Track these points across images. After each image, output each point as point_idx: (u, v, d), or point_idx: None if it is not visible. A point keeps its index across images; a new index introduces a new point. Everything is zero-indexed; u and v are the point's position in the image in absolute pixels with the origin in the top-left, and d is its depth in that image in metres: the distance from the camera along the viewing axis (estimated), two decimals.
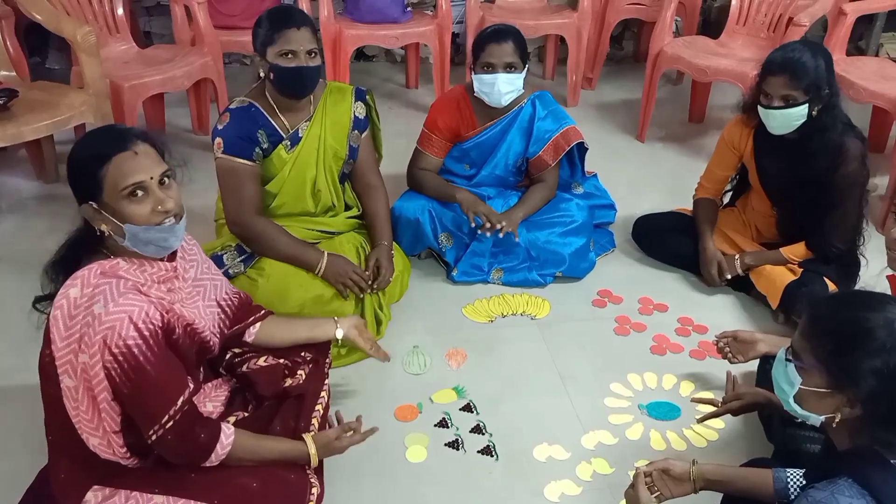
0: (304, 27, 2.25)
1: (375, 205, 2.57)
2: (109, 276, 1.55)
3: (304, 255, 2.37)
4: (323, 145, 2.43)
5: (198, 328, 1.72)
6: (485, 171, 2.81)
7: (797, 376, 1.39)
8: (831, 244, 2.51)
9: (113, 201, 1.53)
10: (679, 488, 1.70)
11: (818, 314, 1.38)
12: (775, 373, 1.47)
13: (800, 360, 1.38)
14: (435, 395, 2.27)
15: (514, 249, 2.74)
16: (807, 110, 2.40)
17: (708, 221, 2.79)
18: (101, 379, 1.50)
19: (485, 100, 2.67)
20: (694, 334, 2.56)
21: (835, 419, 1.35)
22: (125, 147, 1.53)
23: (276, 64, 2.25)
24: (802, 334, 1.39)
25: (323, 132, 2.43)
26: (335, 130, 2.45)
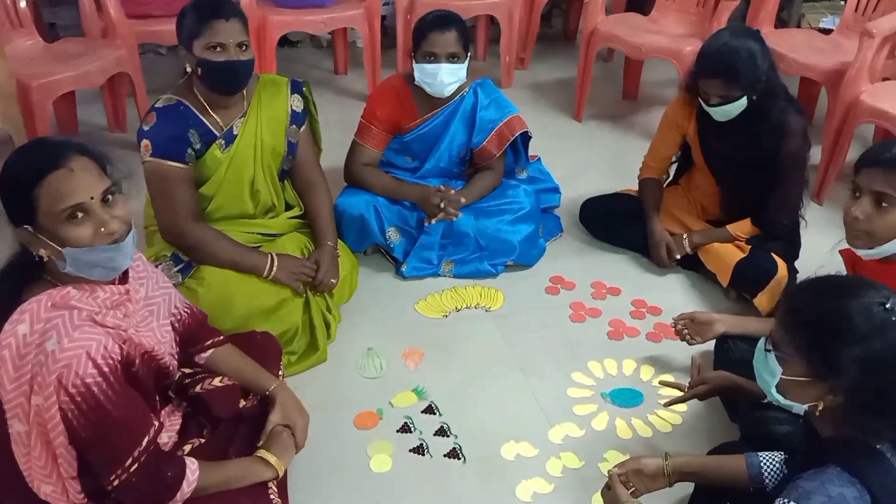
0: (234, 18, 2.10)
1: (317, 203, 2.45)
2: (61, 308, 1.41)
3: (250, 260, 2.24)
4: (260, 142, 2.30)
5: (156, 354, 1.59)
6: (429, 164, 2.72)
7: (778, 366, 1.37)
8: (777, 220, 2.54)
9: (50, 224, 1.38)
10: (654, 484, 1.70)
11: (796, 304, 1.36)
12: (756, 363, 1.45)
13: (780, 351, 1.36)
14: (395, 399, 2.19)
15: (464, 240, 2.67)
16: (746, 101, 2.41)
17: (654, 203, 2.78)
18: (58, 422, 1.37)
19: (426, 90, 2.57)
20: (649, 316, 2.55)
21: (818, 407, 1.34)
22: (59, 164, 1.37)
23: (204, 58, 2.10)
24: (781, 324, 1.37)
25: (259, 129, 2.29)
26: (272, 126, 2.32)
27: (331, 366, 2.30)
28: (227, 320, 2.16)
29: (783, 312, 1.37)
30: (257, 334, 2.08)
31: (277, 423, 1.78)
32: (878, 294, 1.29)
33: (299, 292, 2.29)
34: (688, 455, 1.74)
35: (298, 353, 2.30)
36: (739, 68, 2.34)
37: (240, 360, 1.90)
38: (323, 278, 2.32)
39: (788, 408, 1.40)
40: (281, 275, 2.25)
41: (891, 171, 1.65)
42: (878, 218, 1.68)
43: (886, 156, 1.66)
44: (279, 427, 1.77)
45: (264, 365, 1.95)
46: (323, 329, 2.33)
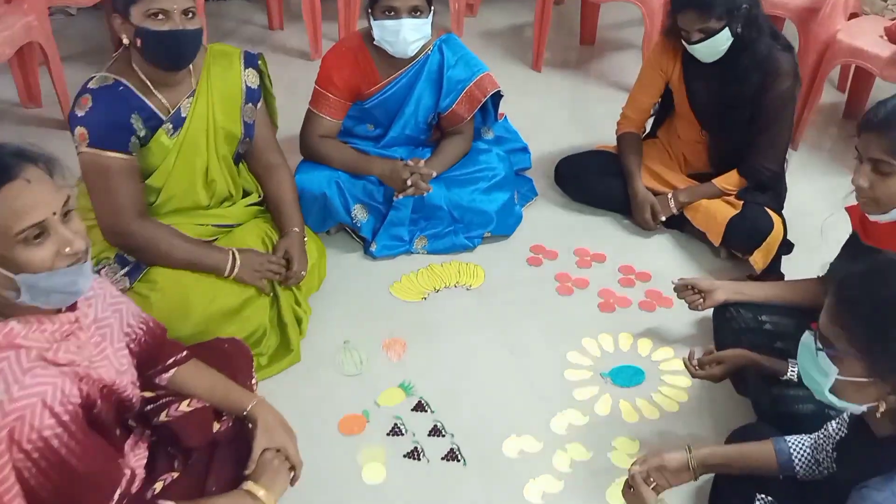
0: None
1: (279, 186, 2.20)
2: (5, 349, 1.19)
3: (208, 259, 1.99)
4: (212, 125, 2.03)
5: (117, 387, 1.38)
6: (393, 131, 2.48)
7: (832, 366, 1.23)
8: (764, 167, 2.42)
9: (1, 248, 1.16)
10: (678, 478, 1.59)
11: (849, 296, 1.21)
12: (803, 361, 1.31)
13: (833, 349, 1.22)
14: (381, 398, 2.00)
15: (437, 213, 2.47)
16: (729, 33, 2.25)
17: (635, 161, 2.62)
18: (12, 484, 1.17)
19: (387, 50, 2.32)
20: (638, 283, 2.41)
21: (879, 409, 1.21)
22: (11, 174, 1.14)
23: (145, 27, 1.81)
24: (833, 320, 1.22)
25: (210, 109, 2.02)
26: (225, 106, 2.04)
27: (305, 365, 2.09)
28: (186, 327, 1.93)
29: (835, 305, 1.22)
30: (223, 342, 1.85)
31: (265, 447, 1.58)
32: None
33: (266, 290, 2.06)
34: (711, 445, 1.62)
35: (268, 353, 2.09)
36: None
37: (209, 378, 1.67)
38: (296, 271, 2.09)
39: (843, 409, 1.27)
40: (244, 274, 2.01)
41: (885, 135, 1.52)
42: (880, 185, 1.55)
43: (879, 119, 1.53)
44: (268, 453, 1.56)
45: (235, 377, 1.74)
46: (294, 326, 2.12)
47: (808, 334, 1.29)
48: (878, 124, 1.53)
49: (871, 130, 1.54)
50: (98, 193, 1.93)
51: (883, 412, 1.21)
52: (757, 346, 1.90)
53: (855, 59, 2.85)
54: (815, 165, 3.02)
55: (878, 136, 1.53)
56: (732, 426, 1.92)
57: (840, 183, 2.93)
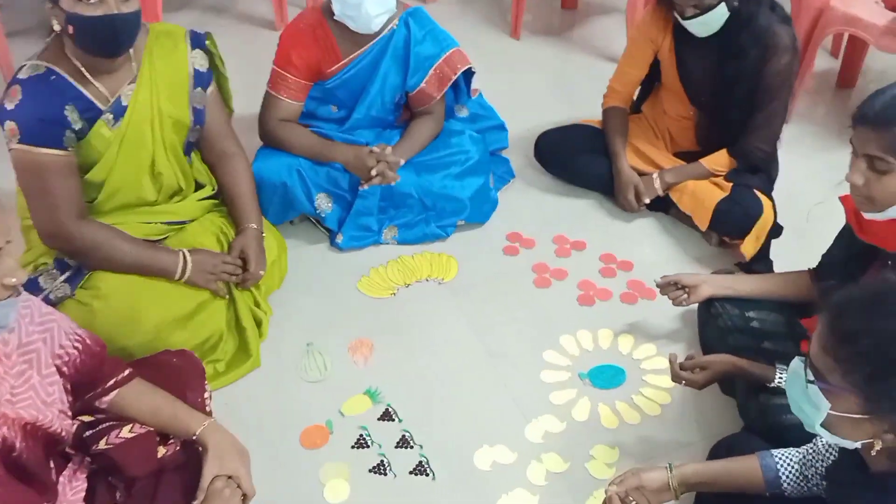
0: None
1: (235, 178, 2.05)
2: None
3: (157, 262, 1.85)
4: (157, 113, 1.87)
5: (41, 423, 1.25)
6: (357, 112, 2.32)
7: (824, 401, 1.11)
8: (757, 147, 2.27)
9: None
10: (658, 498, 1.49)
11: (845, 327, 1.08)
12: (791, 390, 1.19)
13: (826, 383, 1.10)
14: (345, 406, 1.88)
15: (406, 201, 2.32)
16: (725, 8, 2.09)
17: (620, 138, 2.46)
18: None
19: (349, 25, 2.14)
20: (620, 273, 2.28)
21: (874, 446, 1.09)
22: None
23: (76, 13, 1.63)
24: (826, 350, 1.09)
25: (155, 96, 1.85)
26: (171, 92, 1.88)
27: (266, 371, 1.97)
28: (134, 336, 1.80)
29: (829, 335, 1.09)
30: (172, 356, 1.72)
31: (216, 474, 1.46)
32: None
33: (221, 294, 1.92)
34: (693, 463, 1.51)
35: (226, 359, 1.96)
36: None
37: (154, 399, 1.54)
38: (253, 272, 1.95)
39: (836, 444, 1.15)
40: (197, 277, 1.88)
41: (882, 130, 1.38)
42: (876, 183, 1.42)
43: (875, 113, 1.39)
44: (219, 480, 1.44)
45: (184, 394, 1.62)
46: (254, 329, 1.99)
47: (799, 362, 1.17)
48: (875, 119, 1.39)
49: (867, 125, 1.41)
50: (33, 193, 1.78)
51: (879, 450, 1.09)
52: (744, 347, 1.79)
53: (849, 28, 2.69)
54: (806, 139, 2.88)
55: (874, 131, 1.39)
56: (717, 430, 1.84)
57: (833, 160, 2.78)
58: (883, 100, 1.40)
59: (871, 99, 1.43)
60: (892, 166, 1.40)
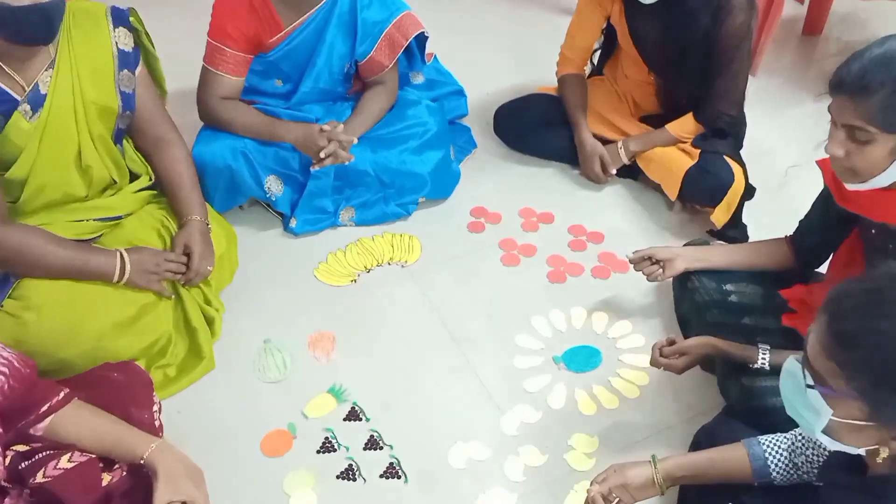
0: None
1: (173, 165, 1.89)
2: None
3: (92, 264, 1.69)
4: (81, 100, 1.69)
5: None
6: (304, 86, 2.15)
7: (826, 406, 1.02)
8: (722, 111, 2.17)
9: None
10: (643, 494, 1.43)
11: (848, 329, 0.99)
12: (788, 393, 1.10)
13: (827, 388, 1.01)
14: (308, 408, 1.77)
15: (363, 180, 2.18)
16: None
17: (580, 106, 2.34)
18: None
19: None
20: (590, 246, 2.18)
21: (879, 454, 1.02)
22: None
23: (4, 4, 1.46)
24: (827, 354, 1.00)
25: (77, 82, 1.68)
26: (94, 76, 1.70)
27: (221, 373, 1.83)
28: (72, 348, 1.65)
29: (830, 340, 1.00)
30: (112, 370, 1.58)
31: (168, 500, 1.34)
32: None
33: (165, 294, 1.78)
34: (676, 456, 1.43)
35: (176, 363, 1.82)
36: None
37: (94, 422, 1.41)
38: (198, 268, 1.81)
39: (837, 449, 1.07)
40: (137, 278, 1.72)
41: (861, 98, 1.29)
42: (857, 154, 1.34)
43: (853, 79, 1.29)
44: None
45: (129, 412, 1.50)
46: (205, 329, 1.85)
47: (794, 363, 1.08)
48: (852, 86, 1.29)
49: (844, 93, 1.31)
50: None
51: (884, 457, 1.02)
52: (722, 323, 1.72)
53: None
54: (772, 93, 2.79)
55: (851, 99, 1.30)
56: (698, 409, 1.78)
57: (801, 114, 2.72)
58: (860, 64, 1.30)
59: (847, 64, 1.32)
60: (873, 136, 1.31)
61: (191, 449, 1.62)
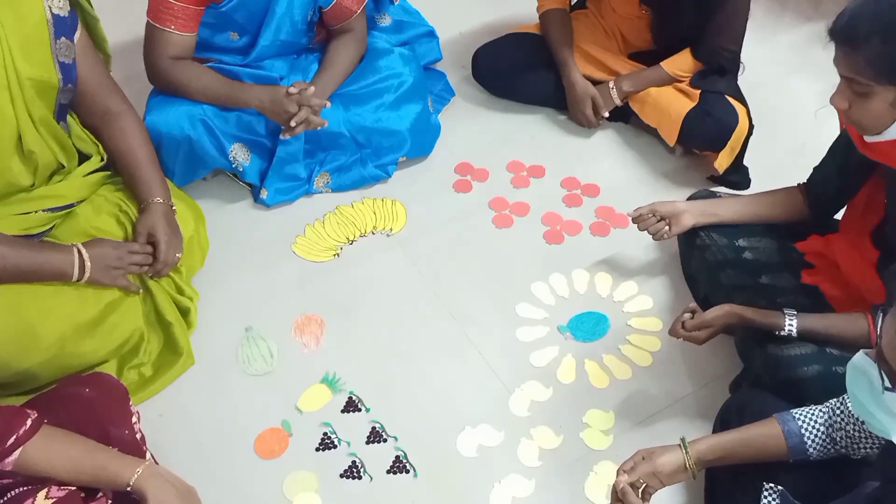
0: None
1: (126, 141, 1.69)
2: None
3: (46, 263, 1.50)
4: (15, 77, 1.48)
5: None
6: (263, 39, 1.92)
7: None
8: (722, 47, 2.03)
9: None
10: (673, 479, 1.35)
11: None
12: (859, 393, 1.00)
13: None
14: (302, 401, 1.64)
15: (337, 141, 1.99)
16: None
17: (565, 44, 2.17)
18: None
19: None
20: (586, 200, 2.05)
21: None
22: None
23: None
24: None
25: (7, 56, 1.46)
26: (27, 48, 1.49)
27: (202, 369, 1.69)
28: (34, 356, 1.50)
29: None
30: (83, 388, 1.41)
31: None
32: None
33: (133, 289, 1.60)
34: (707, 438, 1.36)
35: (151, 361, 1.67)
36: None
37: (69, 450, 1.27)
38: (166, 258, 1.63)
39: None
40: (98, 274, 1.54)
41: (850, 49, 1.26)
42: (859, 107, 1.31)
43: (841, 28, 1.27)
44: None
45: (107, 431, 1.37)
46: (180, 321, 1.69)
47: (866, 360, 0.97)
48: (841, 36, 1.26)
49: (838, 43, 1.28)
50: None
51: None
52: (739, 285, 1.62)
53: None
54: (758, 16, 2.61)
55: (841, 50, 1.27)
56: (713, 373, 1.70)
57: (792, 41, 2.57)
58: (850, 13, 1.26)
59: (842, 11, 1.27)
60: (869, 88, 1.26)
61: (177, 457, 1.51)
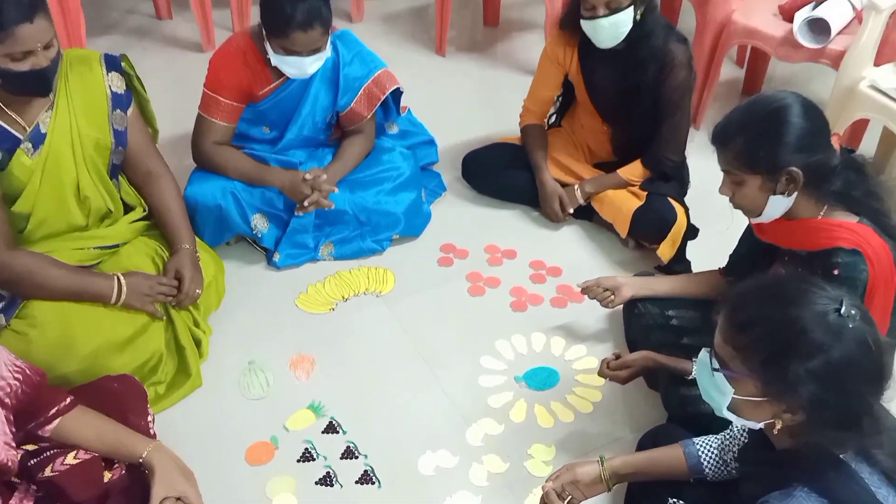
0: (39, 15, 1.65)
1: (163, 198, 2.07)
2: None
3: (91, 287, 1.85)
4: (78, 137, 1.88)
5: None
6: (290, 133, 2.36)
7: (728, 385, 1.22)
8: (666, 157, 2.42)
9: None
10: (592, 490, 1.59)
11: (741, 319, 1.20)
12: (701, 378, 1.30)
13: (729, 369, 1.21)
14: (290, 422, 1.92)
15: (343, 217, 2.37)
16: (632, 13, 2.22)
17: (541, 152, 2.58)
18: None
19: (286, 73, 2.20)
20: (549, 279, 2.39)
21: (775, 426, 1.21)
22: None
23: (7, 69, 1.66)
24: (727, 340, 1.21)
25: (74, 120, 1.86)
26: (90, 115, 1.89)
27: (207, 391, 1.99)
28: (71, 363, 1.81)
29: (728, 326, 1.21)
30: (112, 381, 1.73)
31: (164, 496, 1.49)
32: (828, 296, 1.16)
33: (158, 316, 1.94)
34: (622, 455, 1.61)
35: (166, 381, 1.97)
36: None
37: (96, 425, 1.56)
38: (188, 291, 1.97)
39: (743, 426, 1.27)
40: (132, 300, 1.89)
41: (721, 148, 1.61)
42: (738, 194, 1.63)
43: (717, 133, 1.62)
44: (168, 501, 1.48)
45: (127, 418, 1.65)
46: (193, 349, 2.01)
47: (705, 353, 1.28)
48: (718, 139, 1.61)
49: (716, 144, 1.63)
50: None
51: (780, 428, 1.21)
52: (665, 343, 1.91)
53: (750, 40, 2.88)
54: None
55: (720, 149, 1.62)
56: (644, 422, 1.95)
57: None
58: (724, 121, 1.62)
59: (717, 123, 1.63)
60: (741, 177, 1.59)
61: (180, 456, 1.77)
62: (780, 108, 1.56)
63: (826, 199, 1.61)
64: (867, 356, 1.14)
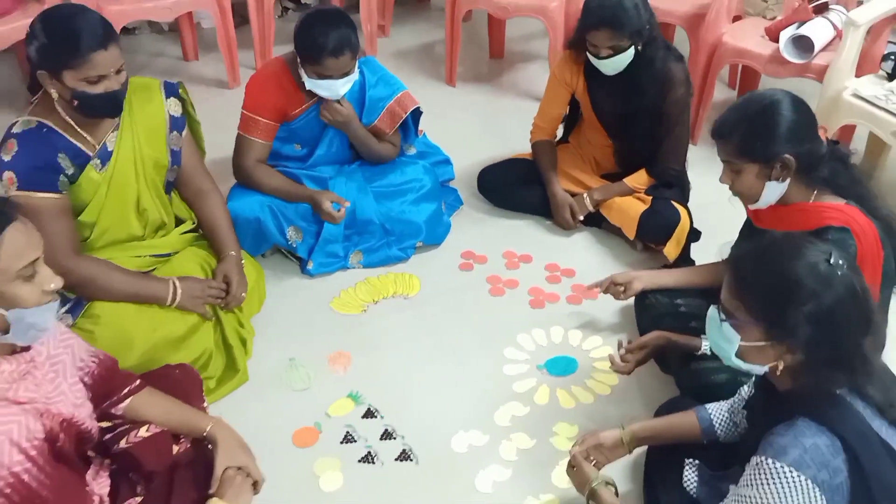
0: (112, 43, 1.85)
1: (212, 211, 2.25)
2: None
3: (149, 290, 2.03)
4: (140, 156, 2.07)
5: (76, 420, 1.44)
6: (319, 150, 2.57)
7: (735, 333, 1.39)
8: (668, 167, 2.61)
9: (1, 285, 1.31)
10: (614, 454, 1.74)
11: (743, 272, 1.38)
12: (710, 332, 1.47)
13: (734, 318, 1.38)
14: (331, 409, 2.08)
15: (369, 227, 2.56)
16: (633, 50, 2.43)
17: (551, 165, 2.78)
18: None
19: (321, 94, 2.42)
20: (564, 279, 2.56)
21: (778, 367, 1.37)
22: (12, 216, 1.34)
23: (82, 91, 1.85)
24: (732, 293, 1.38)
25: (136, 141, 2.06)
26: (150, 136, 2.09)
27: (254, 385, 2.15)
28: (131, 357, 1.97)
29: (733, 282, 1.39)
30: (174, 369, 1.90)
31: (227, 466, 1.64)
32: (819, 249, 1.34)
33: (208, 316, 2.11)
34: (641, 421, 1.76)
35: (216, 376, 2.13)
36: (624, 18, 2.36)
37: (164, 404, 1.72)
38: (235, 294, 2.15)
39: (749, 371, 1.43)
40: (186, 302, 2.06)
41: (721, 141, 1.80)
42: (737, 182, 1.81)
43: (717, 128, 1.81)
44: (230, 470, 1.63)
45: (188, 400, 1.81)
46: (240, 347, 2.17)
47: (713, 308, 1.45)
48: (718, 133, 1.81)
49: (716, 138, 1.82)
50: None
51: (782, 370, 1.37)
52: (674, 328, 2.07)
53: (740, 59, 3.11)
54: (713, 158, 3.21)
55: (720, 142, 1.81)
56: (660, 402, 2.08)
57: None
58: (723, 116, 1.82)
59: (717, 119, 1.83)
60: (739, 166, 1.79)
61: None
62: (772, 103, 1.76)
63: (816, 184, 1.80)
64: (855, 300, 1.31)
